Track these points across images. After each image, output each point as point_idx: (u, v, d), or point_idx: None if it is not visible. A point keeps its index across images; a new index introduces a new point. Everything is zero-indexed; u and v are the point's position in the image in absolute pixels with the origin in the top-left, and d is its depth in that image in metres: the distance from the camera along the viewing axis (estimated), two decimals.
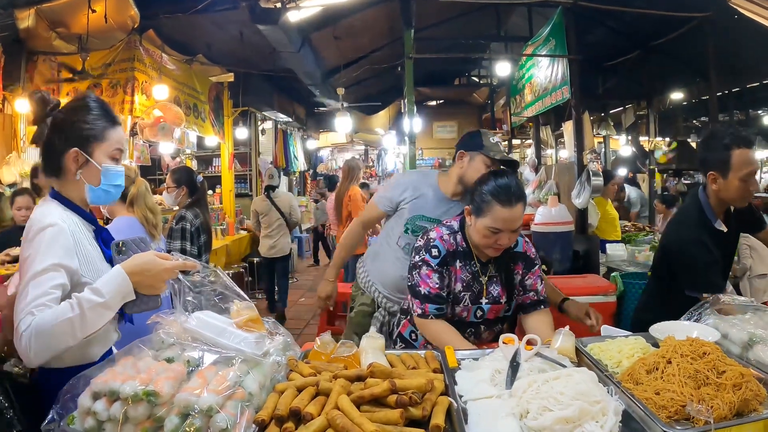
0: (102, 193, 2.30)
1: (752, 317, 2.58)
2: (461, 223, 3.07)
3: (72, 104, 2.33)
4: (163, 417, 1.75)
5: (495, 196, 2.78)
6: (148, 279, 2.08)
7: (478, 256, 3.01)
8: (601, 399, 1.87)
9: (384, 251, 3.77)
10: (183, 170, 5.52)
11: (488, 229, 2.80)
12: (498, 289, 3.04)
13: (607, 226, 7.62)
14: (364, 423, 1.73)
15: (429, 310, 2.93)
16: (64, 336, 1.94)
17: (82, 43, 7.35)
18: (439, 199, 3.60)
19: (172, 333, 2.09)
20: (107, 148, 2.28)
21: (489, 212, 2.79)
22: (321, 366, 2.23)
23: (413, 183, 3.69)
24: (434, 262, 2.95)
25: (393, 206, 3.71)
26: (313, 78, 10.99)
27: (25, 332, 1.90)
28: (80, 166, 2.24)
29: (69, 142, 2.23)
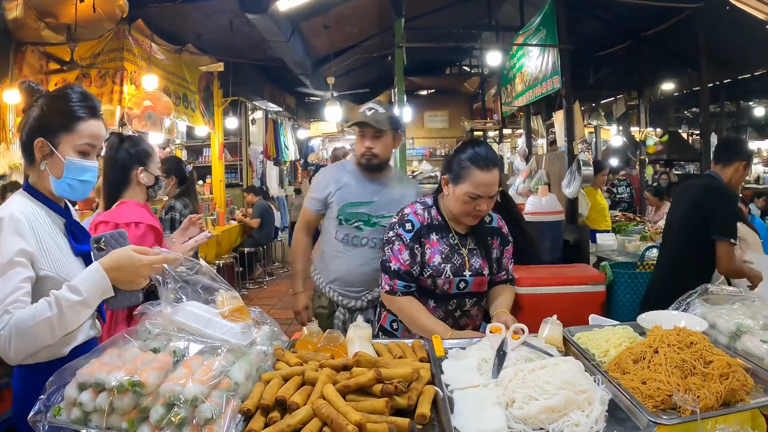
0: (66, 187, 2.22)
1: (740, 307, 2.58)
2: (435, 198, 3.15)
3: (52, 93, 2.30)
4: (149, 407, 1.74)
5: (473, 161, 2.87)
6: (127, 275, 2.05)
7: (455, 228, 3.08)
8: (587, 388, 1.87)
9: (327, 249, 3.83)
10: (172, 160, 5.48)
11: (467, 194, 2.87)
12: (479, 261, 3.09)
13: (597, 216, 7.63)
14: (349, 412, 1.72)
15: (397, 286, 3.00)
16: (43, 335, 1.94)
17: (71, 33, 7.30)
18: (360, 182, 3.73)
19: (158, 323, 2.08)
20: (75, 141, 2.20)
21: (468, 178, 2.87)
22: (308, 355, 2.22)
23: (333, 176, 3.83)
24: (407, 236, 3.01)
25: (322, 204, 3.81)
26: (303, 67, 10.96)
27: (3, 331, 1.89)
28: (45, 156, 2.19)
29: (38, 131, 2.19)
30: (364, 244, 3.69)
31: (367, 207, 3.68)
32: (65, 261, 2.18)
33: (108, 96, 8.07)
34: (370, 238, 3.68)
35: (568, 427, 1.76)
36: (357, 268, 3.69)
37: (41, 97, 2.25)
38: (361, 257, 3.69)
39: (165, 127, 9.39)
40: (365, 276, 3.70)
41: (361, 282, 3.72)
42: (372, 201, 3.69)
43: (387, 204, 3.67)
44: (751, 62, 9.27)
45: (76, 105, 2.22)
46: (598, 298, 4.45)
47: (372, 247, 3.67)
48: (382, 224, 3.60)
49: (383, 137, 3.64)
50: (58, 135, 2.18)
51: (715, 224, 4.02)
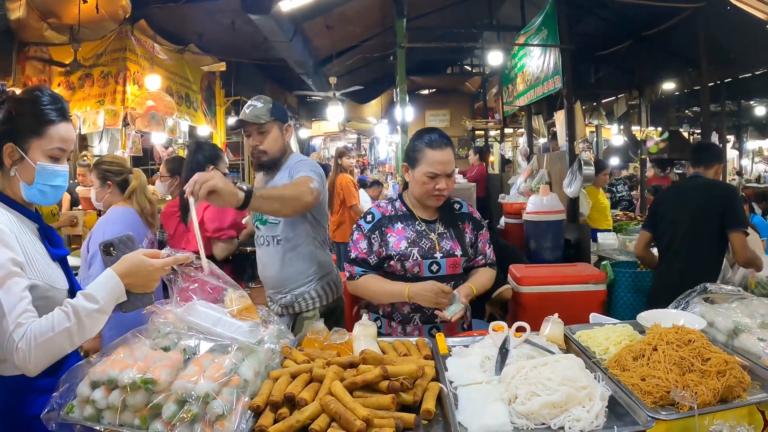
0: (37, 193, 2.14)
1: (738, 306, 2.63)
2: (400, 194, 3.34)
3: (20, 96, 2.22)
4: (161, 404, 1.79)
5: (426, 143, 3.04)
6: (140, 280, 2.06)
7: (421, 216, 3.19)
8: (587, 385, 1.92)
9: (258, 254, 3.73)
10: (178, 160, 5.46)
11: (425, 175, 3.01)
12: (450, 243, 3.16)
13: (598, 215, 7.66)
14: (356, 408, 1.77)
15: (355, 272, 3.14)
16: (62, 345, 1.93)
17: (74, 34, 7.33)
18: (258, 183, 3.65)
19: (168, 322, 2.12)
20: (46, 145, 2.12)
21: (423, 159, 3.03)
22: (314, 353, 2.27)
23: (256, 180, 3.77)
24: (366, 227, 3.17)
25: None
26: (305, 67, 10.98)
27: (21, 344, 1.87)
28: (14, 162, 2.10)
29: (6, 136, 2.09)
30: (262, 243, 3.57)
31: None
32: (47, 267, 2.13)
33: (111, 96, 8.11)
34: (265, 236, 3.54)
35: (569, 422, 1.81)
36: (262, 269, 3.63)
37: (8, 99, 2.15)
38: (263, 258, 3.60)
39: (168, 127, 9.43)
40: (267, 277, 3.60)
41: (266, 283, 3.64)
42: None
43: None
44: (752, 61, 9.29)
45: (47, 108, 2.13)
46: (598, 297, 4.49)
47: (267, 246, 3.53)
48: (271, 221, 3.48)
49: (268, 131, 3.45)
50: (28, 140, 2.10)
51: (729, 217, 4.25)
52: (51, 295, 2.07)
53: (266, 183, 3.54)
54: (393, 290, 3.03)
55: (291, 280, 3.52)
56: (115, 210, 3.83)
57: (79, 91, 8.23)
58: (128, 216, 3.82)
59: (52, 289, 2.09)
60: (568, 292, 4.38)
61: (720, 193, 4.43)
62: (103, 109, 8.20)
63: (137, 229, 3.80)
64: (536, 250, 5.89)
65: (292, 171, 3.42)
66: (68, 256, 2.33)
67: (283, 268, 3.50)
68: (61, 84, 8.25)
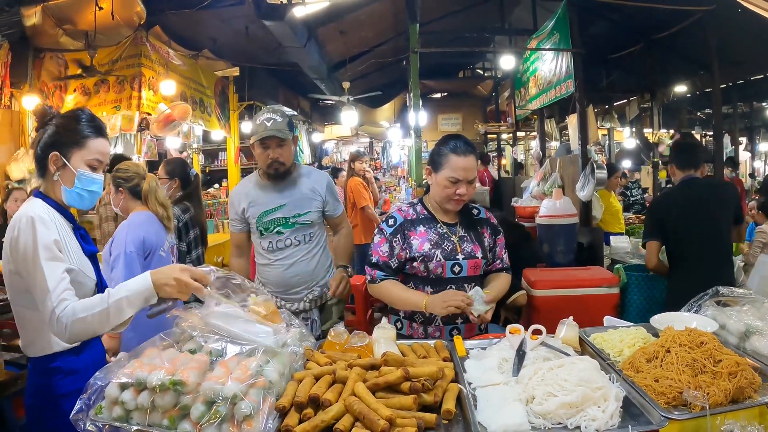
0: (76, 196, 2.47)
1: (750, 309, 2.65)
2: (420, 198, 3.42)
3: (64, 114, 2.55)
4: (189, 405, 1.84)
5: (451, 149, 3.13)
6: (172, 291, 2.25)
7: (443, 219, 3.27)
8: (602, 385, 1.97)
9: (260, 261, 3.94)
10: (177, 162, 5.47)
11: (448, 179, 3.11)
12: (471, 245, 3.24)
13: (611, 219, 7.67)
14: (380, 408, 1.83)
15: (376, 275, 3.21)
16: (95, 325, 2.22)
17: (89, 40, 7.39)
18: (268, 190, 3.84)
19: (194, 326, 2.19)
20: (86, 156, 2.45)
21: (447, 164, 3.12)
22: (336, 355, 2.33)
23: (242, 192, 3.93)
24: (388, 231, 3.23)
25: (242, 222, 3.92)
26: (318, 72, 11.03)
27: (63, 317, 2.17)
28: (58, 168, 2.43)
29: (52, 146, 2.43)
30: (289, 245, 3.81)
31: (282, 210, 3.79)
32: (81, 258, 2.46)
33: (126, 102, 8.18)
34: (292, 238, 3.81)
35: (585, 422, 1.86)
36: (288, 270, 3.81)
37: (55, 117, 2.50)
38: (290, 258, 3.81)
39: (182, 132, 9.49)
40: (298, 276, 3.83)
41: (296, 282, 3.84)
42: (283, 204, 3.79)
43: (299, 202, 3.82)
44: (764, 63, 9.24)
45: (86, 124, 2.47)
46: (612, 300, 4.53)
47: (297, 246, 3.82)
48: (300, 222, 3.82)
49: (286, 144, 3.74)
50: (70, 150, 2.43)
51: (738, 211, 4.57)
52: (82, 281, 2.40)
53: (277, 190, 3.82)
54: (411, 300, 3.12)
55: (320, 273, 3.88)
56: (137, 215, 3.89)
57: (95, 97, 8.29)
58: (150, 220, 3.89)
59: (84, 277, 2.42)
60: (581, 295, 4.43)
61: (730, 191, 4.67)
62: (120, 114, 8.27)
63: (158, 233, 3.88)
64: (549, 254, 5.92)
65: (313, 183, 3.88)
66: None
67: (314, 264, 3.85)
68: (77, 90, 8.32)
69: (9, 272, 2.38)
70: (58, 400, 2.41)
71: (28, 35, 7.29)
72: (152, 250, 3.78)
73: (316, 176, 3.99)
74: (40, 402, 2.47)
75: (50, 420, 2.43)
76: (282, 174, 3.80)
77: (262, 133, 3.62)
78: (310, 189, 3.86)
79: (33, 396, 2.49)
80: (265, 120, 3.65)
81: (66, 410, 1.98)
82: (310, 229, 3.84)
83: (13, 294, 2.43)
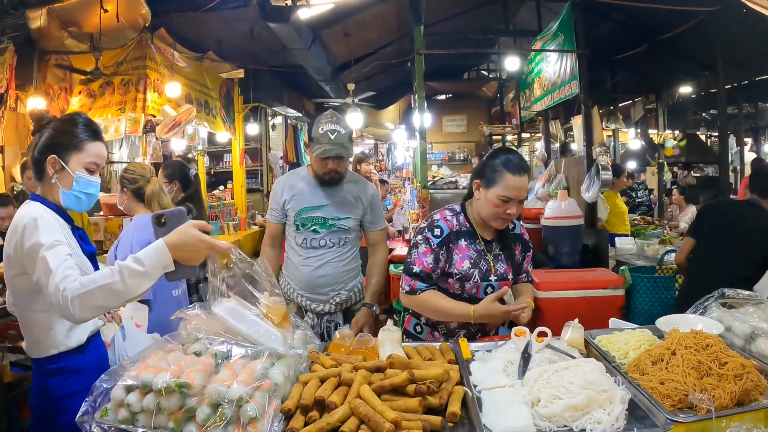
0: (74, 198, 2.52)
1: (755, 311, 2.64)
2: (462, 205, 3.26)
3: (61, 118, 2.62)
4: (195, 407, 1.85)
5: (506, 166, 2.99)
6: (187, 254, 2.16)
7: (482, 234, 3.19)
8: (608, 388, 1.97)
9: (291, 256, 3.93)
10: (175, 165, 5.44)
11: (499, 198, 2.99)
12: (504, 266, 3.20)
13: (616, 220, 7.66)
14: (385, 411, 1.83)
15: (417, 286, 3.09)
16: (105, 299, 2.11)
17: (94, 42, 7.41)
18: (314, 188, 3.83)
19: (199, 328, 2.20)
20: (83, 159, 2.51)
21: (500, 181, 2.99)
22: (341, 358, 2.34)
23: (287, 183, 3.92)
24: (435, 241, 3.10)
25: (281, 213, 3.90)
26: (323, 74, 11.04)
27: (67, 292, 2.09)
28: (56, 172, 2.48)
29: (50, 149, 2.48)
30: (323, 245, 3.80)
31: (322, 211, 3.78)
32: (82, 257, 2.52)
33: (132, 104, 8.17)
34: (327, 239, 3.80)
35: (590, 425, 1.86)
36: (319, 269, 3.80)
37: (53, 121, 2.56)
38: (321, 258, 3.81)
39: (187, 134, 9.51)
40: (328, 277, 3.82)
41: (325, 283, 3.83)
42: (325, 205, 3.79)
43: (341, 207, 3.82)
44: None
45: (83, 128, 2.53)
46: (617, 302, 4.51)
47: (330, 248, 3.81)
48: (338, 226, 3.80)
49: (345, 159, 3.77)
50: (68, 153, 2.49)
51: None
52: None
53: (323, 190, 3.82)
54: (456, 310, 3.04)
55: (349, 277, 3.89)
56: (142, 217, 3.89)
57: (100, 99, 8.30)
58: None
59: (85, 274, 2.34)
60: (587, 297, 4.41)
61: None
62: (125, 116, 8.29)
63: None
64: (554, 255, 5.91)
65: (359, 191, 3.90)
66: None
67: (344, 268, 3.85)
68: (81, 92, 8.32)
69: (13, 275, 2.42)
70: (62, 400, 2.46)
71: (33, 38, 7.29)
72: None
73: (363, 185, 3.98)
74: (44, 402, 2.51)
75: (55, 420, 2.47)
76: (336, 181, 3.81)
77: (327, 149, 3.59)
78: (355, 196, 3.86)
79: (37, 396, 2.54)
80: (329, 132, 3.60)
81: (70, 410, 2.01)
82: (346, 234, 3.84)
83: (17, 296, 2.48)
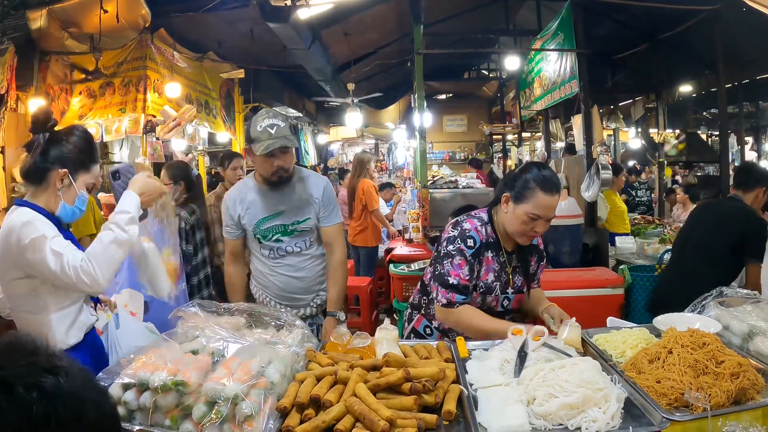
0: (70, 212, 2.60)
1: (753, 309, 2.64)
2: (489, 214, 3.13)
3: (72, 131, 2.64)
4: (191, 405, 1.87)
5: (539, 183, 2.87)
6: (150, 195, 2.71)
7: (505, 247, 3.10)
8: (604, 387, 1.97)
9: (260, 268, 3.76)
10: (179, 165, 5.45)
11: (528, 215, 2.88)
12: (521, 279, 3.15)
13: (616, 219, 7.66)
14: (380, 409, 1.84)
15: (456, 299, 2.94)
16: (115, 253, 2.43)
17: (95, 43, 7.41)
18: (265, 195, 3.63)
19: (196, 326, 2.21)
20: (88, 180, 2.63)
21: (531, 199, 2.87)
22: (338, 356, 2.34)
23: (237, 197, 3.70)
24: (469, 253, 2.98)
25: (237, 228, 3.72)
26: (323, 74, 11.04)
27: (83, 264, 2.33)
28: (63, 186, 2.54)
29: (61, 162, 2.53)
30: (290, 251, 3.65)
31: (280, 218, 3.61)
32: None
33: (132, 104, 8.19)
34: (293, 245, 3.64)
35: (585, 423, 1.86)
36: (292, 277, 3.68)
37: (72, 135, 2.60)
38: (292, 267, 3.67)
39: (187, 134, 9.52)
40: (303, 281, 3.70)
41: (302, 289, 3.71)
42: (282, 211, 3.61)
43: (298, 209, 3.63)
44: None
45: (92, 149, 2.66)
46: (616, 301, 4.53)
47: (298, 253, 3.66)
48: (300, 229, 3.62)
49: (290, 151, 3.55)
50: (78, 172, 2.58)
51: (750, 248, 4.20)
52: None
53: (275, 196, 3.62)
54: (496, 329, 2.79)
55: (324, 276, 3.77)
56: None
57: (101, 99, 8.32)
58: None
59: None
60: (586, 296, 4.43)
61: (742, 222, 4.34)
62: (125, 117, 8.30)
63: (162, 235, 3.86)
64: (554, 255, 5.91)
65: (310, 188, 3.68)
66: None
67: (319, 268, 3.75)
68: (82, 92, 8.34)
69: (9, 280, 2.46)
70: None
71: (33, 38, 7.29)
72: None
73: (314, 180, 3.76)
74: None
75: None
76: (285, 180, 3.59)
77: (270, 143, 3.35)
78: (308, 194, 3.65)
79: None
80: (268, 127, 3.39)
81: None
82: (310, 235, 3.68)
83: (15, 300, 2.51)
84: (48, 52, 7.77)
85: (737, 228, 4.31)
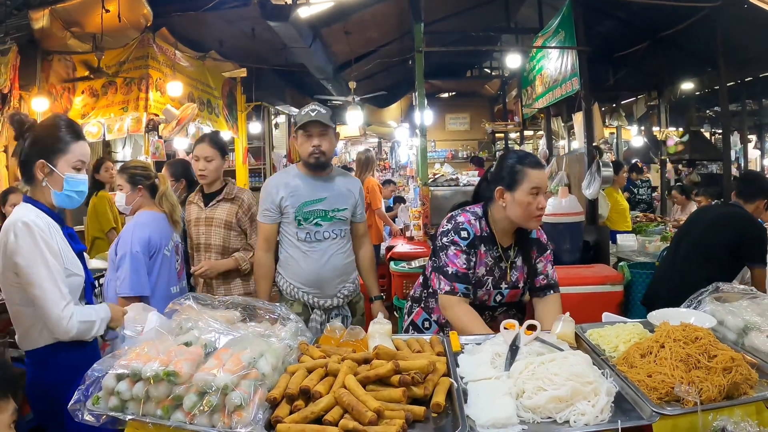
0: (65, 197, 2.68)
1: (749, 305, 2.65)
2: (484, 209, 3.16)
3: (43, 123, 2.78)
4: (182, 395, 1.89)
5: (524, 163, 2.97)
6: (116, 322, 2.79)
7: (500, 241, 3.12)
8: (593, 380, 1.97)
9: (292, 254, 3.82)
10: (180, 164, 5.45)
11: (529, 193, 2.93)
12: (517, 274, 3.15)
13: (617, 217, 7.66)
14: (368, 400, 1.85)
15: (458, 288, 2.99)
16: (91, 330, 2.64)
17: (97, 42, 7.46)
18: (309, 182, 3.82)
19: (190, 318, 2.23)
20: (70, 159, 2.65)
21: (525, 178, 2.94)
22: (331, 349, 2.35)
23: (281, 182, 3.86)
24: (463, 244, 3.03)
25: (277, 212, 3.82)
26: (324, 72, 11.05)
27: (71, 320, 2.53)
28: (46, 175, 2.62)
29: (37, 155, 2.61)
30: (326, 237, 3.78)
31: (322, 203, 3.78)
32: (73, 258, 2.70)
33: (134, 103, 8.23)
34: (330, 231, 3.79)
35: (574, 416, 1.86)
36: (326, 263, 3.77)
37: (34, 126, 2.68)
38: (326, 252, 3.78)
39: (190, 133, 9.54)
40: (335, 269, 3.80)
41: (332, 276, 3.80)
42: (324, 197, 3.79)
43: (338, 197, 3.83)
44: None
45: (66, 130, 2.67)
46: (615, 298, 4.53)
47: (333, 239, 3.79)
48: (338, 217, 3.81)
49: (328, 134, 3.76)
50: (55, 156, 2.62)
51: (751, 252, 4.23)
52: (74, 279, 2.66)
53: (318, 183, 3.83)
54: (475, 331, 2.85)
55: (352, 267, 3.96)
56: (143, 214, 3.89)
57: (103, 99, 8.36)
58: (156, 219, 3.88)
59: (74, 275, 2.67)
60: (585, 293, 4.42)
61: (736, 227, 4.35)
62: (128, 116, 8.32)
63: (163, 232, 3.87)
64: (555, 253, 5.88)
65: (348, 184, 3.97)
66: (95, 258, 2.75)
67: (348, 259, 3.90)
68: (84, 91, 8.38)
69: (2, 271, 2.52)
70: (56, 389, 2.56)
71: (36, 38, 7.34)
72: (157, 250, 3.78)
73: (352, 179, 4.08)
74: (38, 392, 2.67)
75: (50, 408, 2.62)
76: (323, 165, 3.79)
77: (306, 119, 3.67)
78: (347, 188, 3.91)
79: (31, 387, 2.68)
80: (310, 110, 3.70)
81: (63, 399, 2.08)
82: (345, 225, 3.87)
83: (8, 293, 2.58)
84: (50, 52, 7.83)
85: (733, 230, 4.33)
